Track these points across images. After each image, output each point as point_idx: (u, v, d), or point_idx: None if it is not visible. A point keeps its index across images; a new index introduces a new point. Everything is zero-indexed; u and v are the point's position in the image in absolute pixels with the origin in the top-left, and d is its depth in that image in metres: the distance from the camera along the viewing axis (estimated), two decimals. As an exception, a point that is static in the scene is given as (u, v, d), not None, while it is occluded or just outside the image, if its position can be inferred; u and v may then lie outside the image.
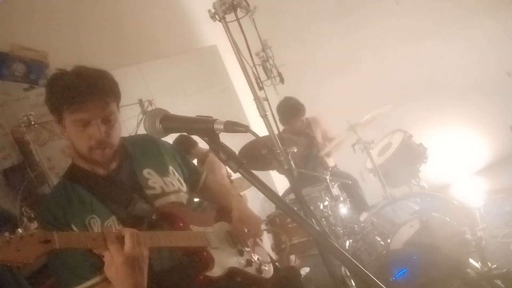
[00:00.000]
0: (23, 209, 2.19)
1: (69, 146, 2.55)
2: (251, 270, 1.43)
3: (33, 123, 2.31)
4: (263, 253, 1.61)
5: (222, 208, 1.63)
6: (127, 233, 1.07)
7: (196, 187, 1.63)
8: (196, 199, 1.75)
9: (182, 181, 1.51)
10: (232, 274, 1.36)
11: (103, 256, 1.08)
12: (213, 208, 1.64)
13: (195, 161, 3.48)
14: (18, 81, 2.58)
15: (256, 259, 1.50)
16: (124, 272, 1.04)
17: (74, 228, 1.24)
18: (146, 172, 1.41)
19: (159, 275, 1.15)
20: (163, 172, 1.45)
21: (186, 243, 1.28)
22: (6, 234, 0.90)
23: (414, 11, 4.01)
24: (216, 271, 1.30)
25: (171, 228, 1.31)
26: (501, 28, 3.81)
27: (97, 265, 1.22)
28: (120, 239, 1.06)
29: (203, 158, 3.50)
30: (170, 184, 1.43)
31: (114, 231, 1.08)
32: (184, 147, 3.38)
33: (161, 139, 1.06)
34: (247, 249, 1.50)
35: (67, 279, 1.21)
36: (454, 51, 3.93)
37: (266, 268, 1.51)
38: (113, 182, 1.34)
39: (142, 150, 1.47)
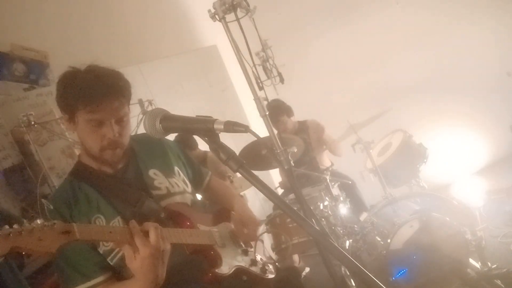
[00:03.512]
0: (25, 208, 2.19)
1: (69, 146, 2.55)
2: (256, 269, 1.45)
3: (33, 123, 2.32)
4: (265, 253, 1.62)
5: (223, 209, 1.63)
6: (152, 227, 1.10)
7: (200, 187, 1.64)
8: (199, 198, 1.75)
9: (187, 181, 1.51)
10: (238, 273, 1.37)
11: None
12: (215, 208, 1.64)
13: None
14: (18, 81, 2.58)
15: (259, 259, 1.52)
16: (149, 264, 1.06)
17: None
18: (152, 172, 1.41)
19: (167, 272, 1.16)
20: (168, 172, 1.45)
21: (194, 241, 1.29)
22: (26, 223, 0.91)
23: (414, 11, 4.00)
24: (224, 269, 1.31)
25: (178, 227, 1.31)
26: (501, 28, 3.81)
27: (101, 264, 1.23)
28: (145, 233, 1.09)
29: (203, 159, 3.49)
30: (176, 185, 1.43)
31: (139, 226, 1.10)
32: (183, 147, 3.33)
33: (166, 138, 1.06)
34: (250, 249, 1.51)
35: (70, 277, 1.21)
36: (454, 51, 3.93)
37: (270, 268, 1.52)
38: (120, 181, 1.35)
39: (149, 150, 1.48)
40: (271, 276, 1.49)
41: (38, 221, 0.93)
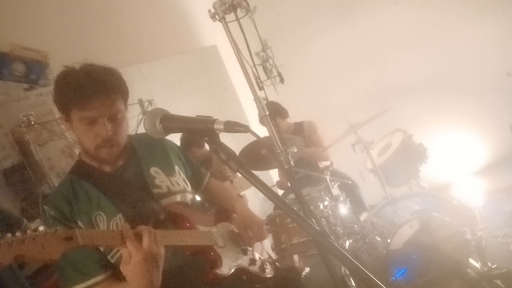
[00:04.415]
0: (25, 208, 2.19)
1: (69, 146, 2.56)
2: (255, 268, 1.46)
3: (33, 123, 2.32)
4: (264, 252, 1.62)
5: (222, 209, 1.63)
6: (145, 231, 1.08)
7: (198, 187, 1.64)
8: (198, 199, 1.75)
9: (187, 180, 1.51)
10: (238, 273, 1.38)
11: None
12: (214, 208, 1.64)
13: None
14: (18, 81, 2.58)
15: (258, 258, 1.52)
16: (141, 269, 1.05)
17: (80, 225, 1.24)
18: (153, 170, 1.41)
19: (167, 274, 1.15)
20: (169, 171, 1.45)
21: (195, 242, 1.28)
22: (26, 223, 0.91)
23: (414, 11, 4.00)
24: (225, 269, 1.31)
25: (178, 228, 1.31)
26: (501, 27, 3.81)
27: (102, 263, 1.23)
28: (138, 237, 1.07)
29: (208, 158, 3.48)
30: (176, 184, 1.43)
31: (132, 229, 1.08)
32: (190, 144, 3.33)
33: (166, 138, 1.06)
34: (249, 248, 1.52)
35: (70, 276, 1.21)
36: (454, 51, 3.93)
37: (268, 267, 1.53)
38: (120, 180, 1.34)
39: (149, 148, 1.47)
40: (270, 274, 1.50)
41: (41, 228, 0.92)
